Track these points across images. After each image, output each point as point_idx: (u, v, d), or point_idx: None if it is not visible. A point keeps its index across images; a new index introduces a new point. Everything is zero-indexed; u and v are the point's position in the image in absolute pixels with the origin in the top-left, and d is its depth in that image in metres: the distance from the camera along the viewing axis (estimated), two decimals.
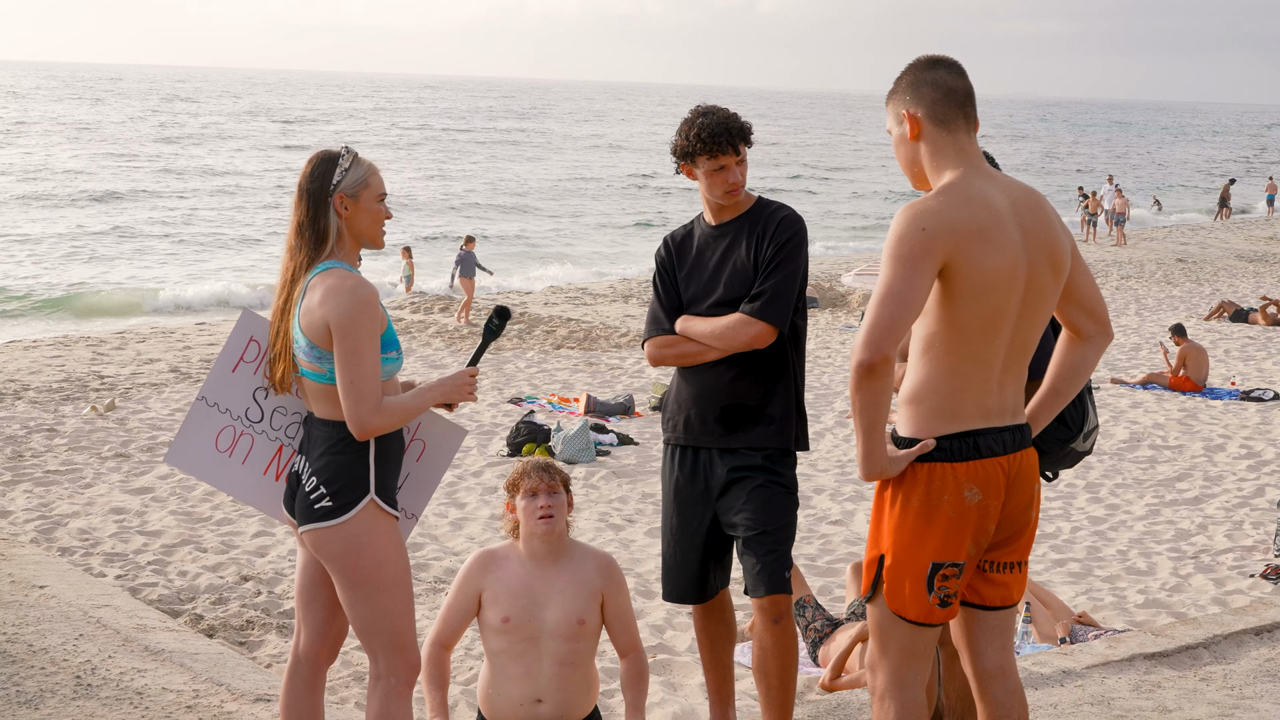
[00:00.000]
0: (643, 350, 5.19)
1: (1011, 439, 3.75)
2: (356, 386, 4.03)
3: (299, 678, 4.46)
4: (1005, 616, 3.90)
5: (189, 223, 39.68)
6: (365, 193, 4.20)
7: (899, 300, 3.53)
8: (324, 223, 4.16)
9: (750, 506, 4.81)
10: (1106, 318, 3.97)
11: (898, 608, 3.73)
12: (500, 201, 49.16)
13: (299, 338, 4.15)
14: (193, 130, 79.79)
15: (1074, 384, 4.02)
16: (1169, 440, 14.07)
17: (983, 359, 3.67)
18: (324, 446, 4.16)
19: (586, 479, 11.88)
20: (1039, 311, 3.76)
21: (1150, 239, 38.74)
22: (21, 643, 5.96)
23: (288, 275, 4.19)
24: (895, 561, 3.72)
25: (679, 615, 8.15)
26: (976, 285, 3.61)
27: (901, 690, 3.77)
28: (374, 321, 4.06)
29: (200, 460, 4.52)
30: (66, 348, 18.43)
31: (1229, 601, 8.74)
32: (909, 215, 3.61)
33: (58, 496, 10.78)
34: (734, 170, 4.88)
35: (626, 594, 4.85)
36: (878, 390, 3.55)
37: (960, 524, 3.68)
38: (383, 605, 4.18)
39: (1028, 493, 3.81)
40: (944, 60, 3.85)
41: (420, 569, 9.08)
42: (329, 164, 4.19)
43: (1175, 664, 6.12)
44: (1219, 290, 27.76)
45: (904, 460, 3.67)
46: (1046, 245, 3.72)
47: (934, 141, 3.77)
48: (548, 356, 18.79)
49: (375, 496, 4.14)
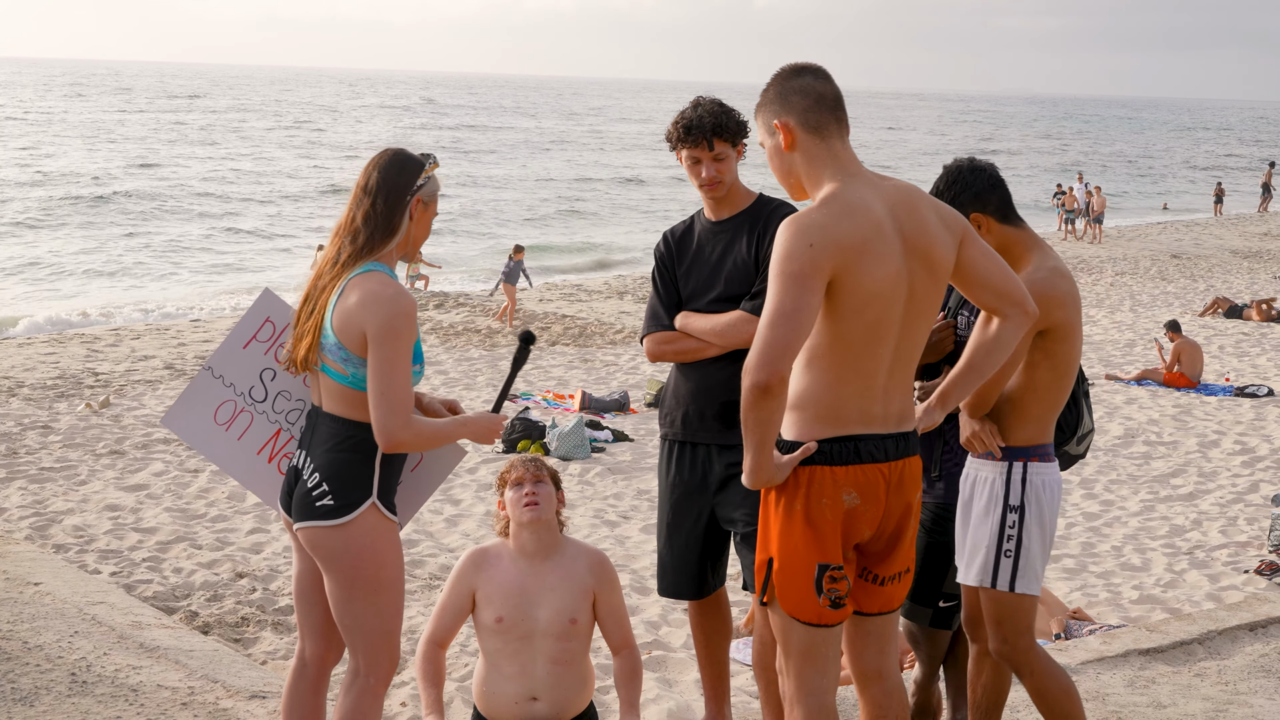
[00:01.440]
0: (641, 346, 5.20)
1: (894, 446, 3.75)
2: (389, 398, 3.97)
3: (305, 681, 4.40)
4: (885, 621, 3.92)
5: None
6: (434, 205, 4.21)
7: (790, 320, 3.54)
8: (398, 220, 4.12)
9: (750, 502, 4.81)
10: (1020, 295, 3.92)
11: (792, 610, 3.75)
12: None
13: (328, 333, 4.08)
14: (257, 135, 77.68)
15: (990, 361, 4.01)
16: (1164, 436, 14.09)
17: (867, 369, 3.69)
18: (330, 443, 4.10)
19: (582, 475, 11.87)
20: (923, 318, 3.77)
21: (1144, 235, 38.80)
22: (16, 640, 5.95)
23: (339, 258, 4.11)
24: (783, 565, 3.74)
25: (674, 611, 8.15)
26: (860, 298, 3.63)
27: (807, 695, 3.78)
28: (411, 333, 4.02)
29: (197, 430, 4.50)
30: (61, 345, 18.42)
31: (1223, 597, 8.75)
32: (795, 230, 3.60)
33: (52, 493, 10.77)
34: (710, 165, 4.88)
35: (619, 591, 4.84)
36: (771, 409, 3.57)
37: (836, 526, 3.70)
38: (378, 606, 4.14)
39: (909, 500, 3.82)
40: (810, 67, 3.83)
41: (415, 566, 9.08)
42: (414, 165, 4.15)
43: (1170, 660, 6.13)
44: (1213, 286, 27.79)
45: (788, 466, 3.69)
46: (924, 249, 3.72)
47: (808, 150, 3.76)
48: (543, 353, 18.80)
49: (377, 500, 4.09)
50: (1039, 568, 4.47)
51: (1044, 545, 4.47)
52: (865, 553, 3.84)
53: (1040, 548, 4.45)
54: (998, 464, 4.45)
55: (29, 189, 44.04)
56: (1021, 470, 4.41)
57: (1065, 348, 4.36)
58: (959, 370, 4.09)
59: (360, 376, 4.04)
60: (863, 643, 3.93)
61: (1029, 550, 4.42)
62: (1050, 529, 4.47)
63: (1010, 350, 3.99)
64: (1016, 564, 4.42)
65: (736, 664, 6.89)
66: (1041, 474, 4.43)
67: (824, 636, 3.77)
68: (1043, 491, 4.43)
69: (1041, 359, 4.34)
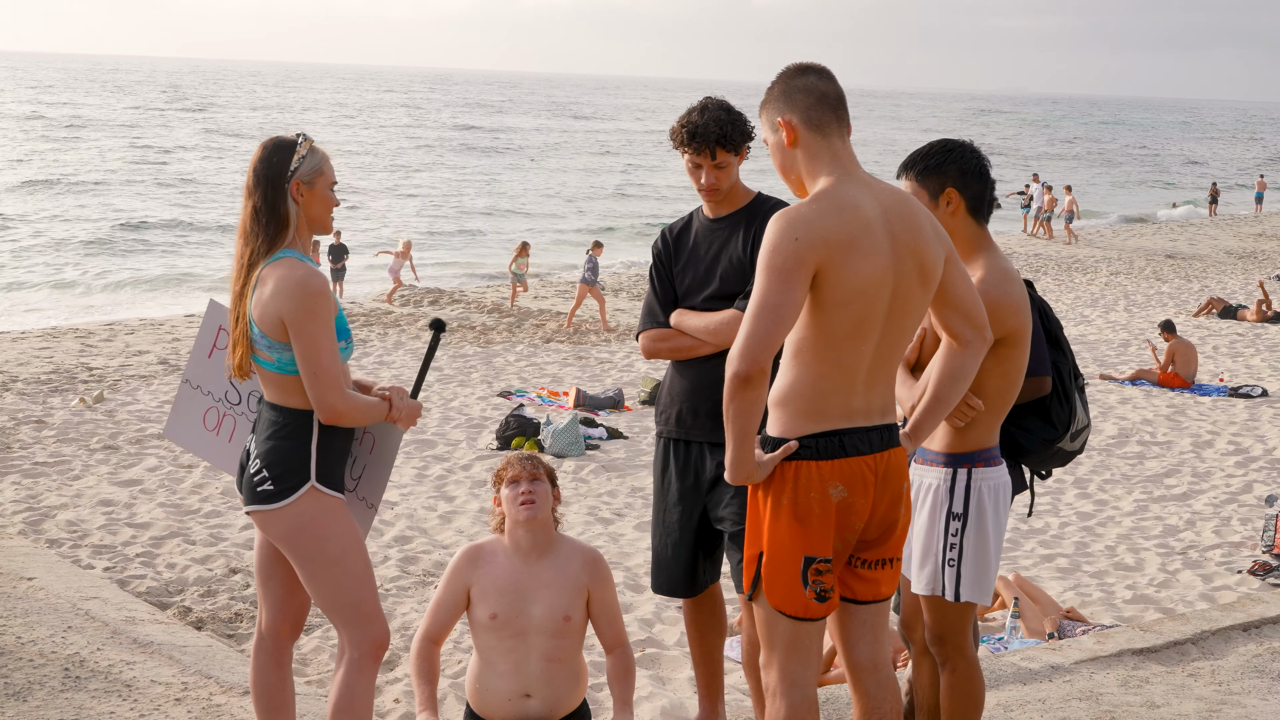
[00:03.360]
0: (636, 342, 5.20)
1: (879, 438, 3.81)
2: (320, 375, 4.13)
3: (264, 654, 4.56)
4: (876, 610, 3.97)
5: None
6: (320, 180, 4.29)
7: (773, 313, 3.61)
8: (283, 209, 4.23)
9: (738, 501, 4.80)
10: (983, 321, 4.02)
11: (777, 604, 3.81)
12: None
13: (253, 325, 4.23)
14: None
15: (955, 391, 4.08)
16: (1158, 436, 14.10)
17: (849, 364, 3.75)
18: (269, 430, 4.27)
19: (576, 473, 11.87)
20: (907, 318, 3.82)
21: (1139, 235, 38.83)
22: (10, 635, 5.95)
23: (244, 261, 4.25)
24: (771, 559, 3.79)
25: (668, 609, 8.15)
26: (845, 294, 3.68)
27: (791, 687, 3.84)
28: (328, 310, 4.16)
29: (193, 437, 4.79)
30: (55, 339, 18.39)
31: (1217, 597, 8.76)
32: (782, 224, 3.67)
33: (46, 488, 10.76)
34: (710, 173, 4.89)
35: (613, 589, 4.85)
36: (752, 400, 3.64)
37: (826, 520, 3.75)
38: (335, 579, 4.27)
39: (896, 490, 3.87)
40: (814, 67, 3.92)
41: (409, 562, 9.08)
42: (285, 151, 4.26)
43: (1163, 659, 6.14)
44: (1208, 287, 27.81)
45: (770, 464, 3.76)
46: (915, 253, 3.78)
47: (809, 147, 3.83)
48: (537, 350, 18.79)
49: (316, 483, 4.23)
50: (986, 575, 4.43)
51: (993, 550, 4.43)
52: (858, 541, 3.88)
53: (986, 554, 4.41)
54: (941, 470, 4.42)
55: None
56: (966, 477, 4.39)
57: (1017, 352, 4.36)
58: (927, 404, 4.13)
59: (285, 360, 4.19)
60: (856, 633, 3.97)
61: (970, 559, 4.40)
62: (998, 532, 4.45)
63: (972, 378, 4.08)
64: (960, 573, 4.42)
65: (730, 662, 6.89)
66: (987, 478, 4.40)
67: (808, 630, 3.83)
68: (987, 497, 4.40)
69: (993, 365, 4.31)
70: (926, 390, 4.13)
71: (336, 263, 24.45)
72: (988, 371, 4.31)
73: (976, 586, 4.42)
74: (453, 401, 14.92)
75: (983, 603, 4.49)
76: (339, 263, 24.53)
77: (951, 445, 4.41)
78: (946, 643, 4.52)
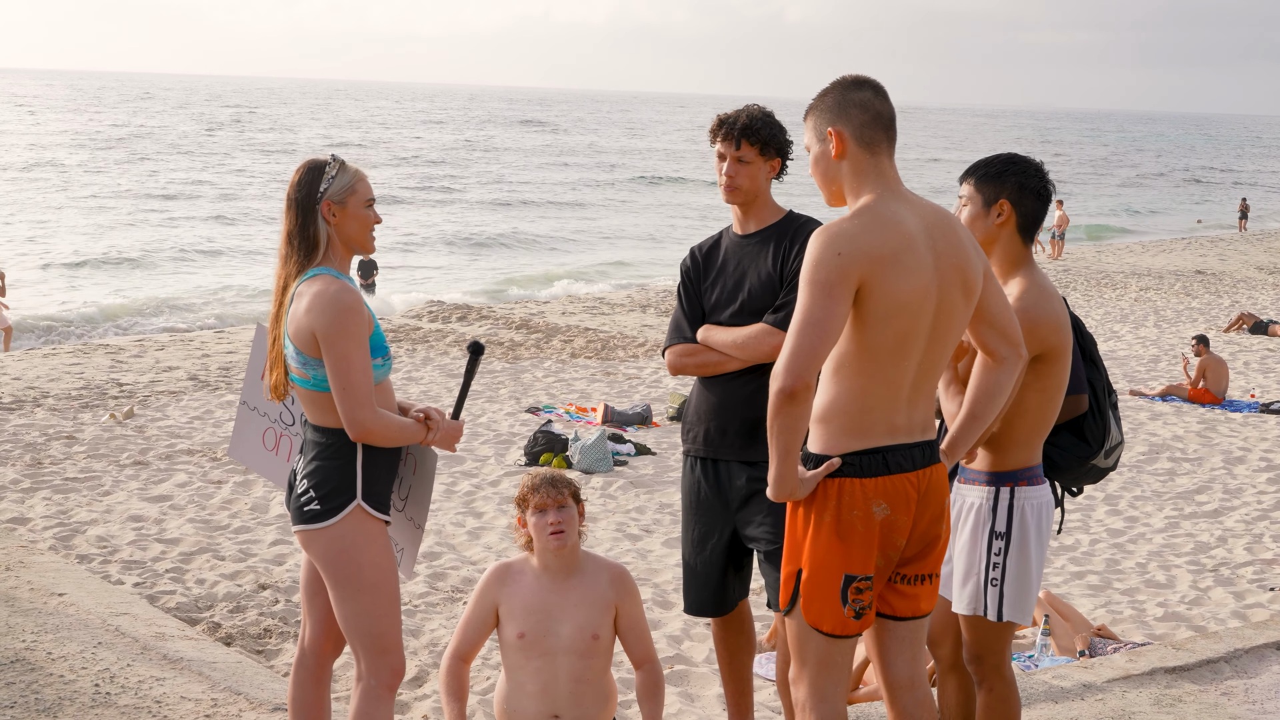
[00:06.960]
0: (663, 358, 5.20)
1: (921, 455, 3.81)
2: (349, 391, 4.14)
3: (305, 670, 4.60)
4: (915, 627, 3.97)
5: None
6: (352, 199, 4.30)
7: (818, 328, 3.61)
8: (313, 230, 4.26)
9: (771, 519, 4.79)
10: (1019, 338, 4.02)
11: (814, 620, 3.81)
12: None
13: (288, 345, 4.25)
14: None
15: (990, 408, 4.07)
16: (1188, 452, 14.01)
17: (892, 379, 3.74)
18: (314, 451, 4.29)
19: (604, 489, 11.86)
20: (949, 333, 3.82)
21: (1169, 250, 38.64)
22: (40, 650, 5.97)
23: (280, 283, 4.31)
24: (811, 576, 3.79)
25: (696, 626, 8.13)
26: (888, 309, 3.68)
27: (821, 701, 3.85)
28: (360, 326, 4.16)
29: (255, 457, 4.96)
30: (85, 355, 18.49)
31: (1249, 615, 8.69)
32: (825, 239, 3.68)
33: (76, 504, 10.80)
34: (732, 164, 4.88)
35: (640, 605, 4.84)
36: (796, 416, 3.64)
37: (869, 538, 3.75)
38: (363, 606, 4.29)
39: (938, 507, 3.87)
40: (869, 81, 3.92)
41: (437, 578, 9.08)
42: (316, 173, 4.29)
43: (1196, 678, 6.09)
44: (1238, 302, 27.64)
45: (813, 481, 3.75)
46: (958, 268, 3.79)
47: (857, 163, 3.83)
48: (565, 366, 18.80)
49: (362, 502, 4.25)
50: (1028, 594, 4.42)
51: (1035, 569, 4.42)
52: (899, 559, 3.87)
53: (1028, 574, 4.40)
54: (984, 489, 4.41)
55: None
56: (1009, 495, 4.38)
57: (1056, 369, 4.34)
58: (963, 420, 4.11)
59: (319, 377, 4.21)
60: (895, 650, 3.96)
61: (1013, 578, 4.38)
62: (1040, 551, 4.43)
63: (1008, 394, 4.07)
64: (1002, 592, 4.39)
65: (759, 679, 6.86)
66: (1030, 497, 4.39)
67: (842, 647, 3.85)
68: (1030, 516, 4.39)
69: (1033, 381, 4.31)
70: (962, 407, 4.12)
71: (366, 279, 24.46)
72: (1028, 387, 4.29)
73: (1018, 606, 4.40)
74: (481, 417, 14.93)
75: (1024, 623, 4.46)
76: (369, 278, 24.54)
77: (994, 464, 4.39)
78: (984, 662, 4.50)
